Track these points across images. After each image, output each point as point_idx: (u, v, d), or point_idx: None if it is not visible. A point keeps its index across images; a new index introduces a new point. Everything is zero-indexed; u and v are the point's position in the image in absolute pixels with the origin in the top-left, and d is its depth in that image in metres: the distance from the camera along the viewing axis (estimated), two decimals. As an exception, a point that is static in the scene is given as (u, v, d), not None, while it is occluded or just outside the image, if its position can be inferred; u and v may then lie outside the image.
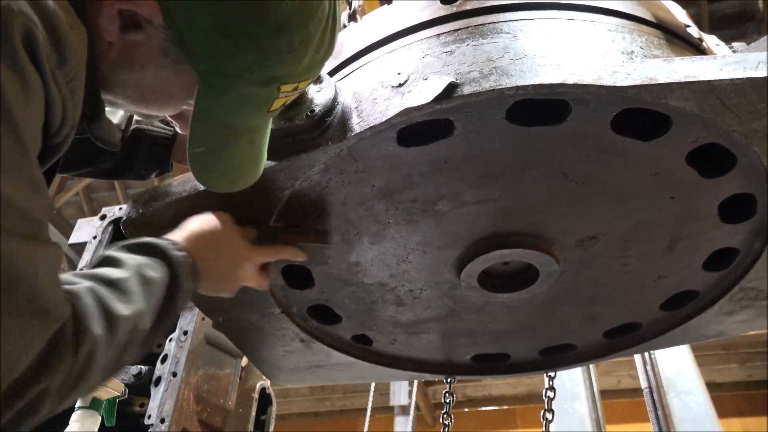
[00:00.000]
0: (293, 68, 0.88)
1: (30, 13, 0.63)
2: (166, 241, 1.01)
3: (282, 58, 0.85)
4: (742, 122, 1.08)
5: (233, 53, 0.83)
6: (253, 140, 0.97)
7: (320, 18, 0.88)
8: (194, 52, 0.83)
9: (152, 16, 0.81)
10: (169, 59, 0.85)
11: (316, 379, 1.94)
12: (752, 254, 1.44)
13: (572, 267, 1.47)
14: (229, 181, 1.02)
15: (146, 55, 0.86)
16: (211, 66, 0.85)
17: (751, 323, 1.65)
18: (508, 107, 1.09)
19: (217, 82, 0.86)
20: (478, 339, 1.78)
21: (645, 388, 3.37)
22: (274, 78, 0.88)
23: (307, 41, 0.87)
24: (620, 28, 1.17)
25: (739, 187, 1.27)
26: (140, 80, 0.89)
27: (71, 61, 0.71)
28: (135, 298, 0.83)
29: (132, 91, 0.91)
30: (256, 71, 0.86)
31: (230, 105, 0.89)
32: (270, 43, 0.83)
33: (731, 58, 1.05)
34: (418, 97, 1.05)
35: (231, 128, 0.93)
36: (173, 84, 0.90)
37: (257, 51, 0.83)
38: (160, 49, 0.85)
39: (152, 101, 0.95)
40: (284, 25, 0.83)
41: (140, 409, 1.86)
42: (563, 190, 1.26)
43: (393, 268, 1.47)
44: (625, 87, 1.02)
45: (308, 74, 0.93)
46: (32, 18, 0.63)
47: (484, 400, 9.42)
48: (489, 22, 1.14)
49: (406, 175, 1.23)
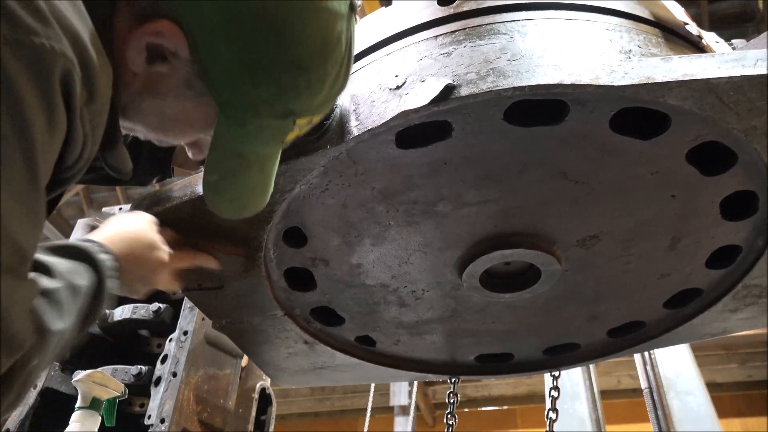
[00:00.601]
0: (309, 103, 0.91)
1: (71, 54, 0.66)
2: (92, 244, 1.01)
3: (299, 94, 0.89)
4: (741, 120, 1.08)
5: (253, 87, 0.86)
6: (263, 168, 1.00)
7: (337, 57, 0.91)
8: (216, 85, 0.86)
9: (179, 50, 0.83)
10: (192, 91, 0.88)
11: (320, 380, 1.95)
12: (755, 251, 1.43)
13: (574, 266, 1.47)
14: (239, 207, 1.05)
15: (169, 86, 0.88)
16: (230, 98, 0.87)
17: (755, 320, 1.64)
18: (506, 108, 1.09)
19: (235, 113, 0.89)
20: (481, 339, 1.78)
21: (645, 388, 3.37)
22: (290, 112, 0.91)
23: (324, 78, 0.90)
24: (618, 27, 1.16)
25: (740, 185, 1.26)
26: (161, 109, 0.91)
27: (99, 100, 0.74)
28: (66, 310, 0.83)
29: (152, 119, 0.93)
30: (274, 105, 0.88)
31: (246, 135, 0.91)
32: (289, 79, 0.87)
33: (729, 56, 1.04)
34: (415, 99, 1.05)
35: (244, 157, 0.95)
36: (193, 114, 0.92)
37: (276, 86, 0.86)
38: (184, 81, 0.87)
39: (171, 130, 0.97)
40: (304, 63, 0.86)
41: (140, 410, 1.87)
42: (563, 189, 1.26)
43: (395, 269, 1.47)
44: (622, 86, 1.02)
45: (322, 108, 0.96)
46: (72, 59, 0.66)
47: (484, 401, 9.41)
48: (486, 23, 1.14)
49: (406, 177, 1.23)
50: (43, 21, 0.63)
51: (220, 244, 1.32)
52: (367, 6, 3.56)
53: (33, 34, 0.61)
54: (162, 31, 0.81)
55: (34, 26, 0.61)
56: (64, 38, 0.65)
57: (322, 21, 0.87)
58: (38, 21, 0.62)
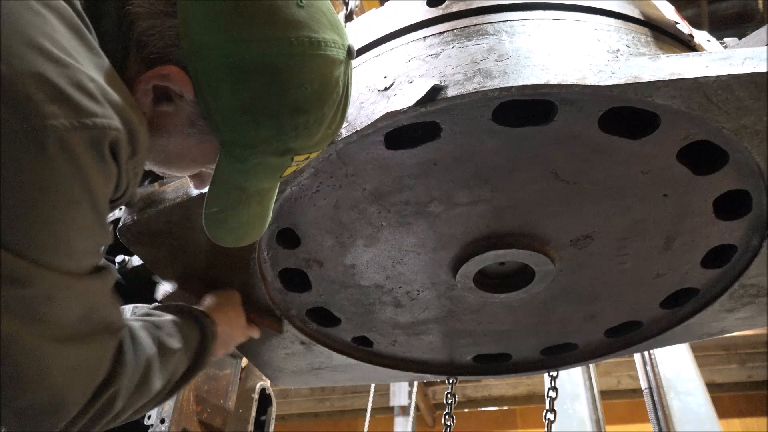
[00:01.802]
0: (307, 142, 0.96)
1: (118, 126, 0.77)
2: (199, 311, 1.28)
3: (297, 134, 0.94)
4: (730, 119, 1.07)
5: (254, 128, 0.91)
6: (262, 201, 1.05)
7: (335, 99, 0.96)
8: (219, 125, 0.92)
9: (184, 92, 0.89)
10: (195, 129, 0.94)
11: (319, 381, 1.95)
12: (751, 250, 1.42)
13: (569, 266, 1.46)
14: (237, 237, 1.10)
15: (174, 125, 0.94)
16: (232, 138, 0.93)
17: (753, 320, 1.63)
18: (494, 108, 1.09)
19: (237, 151, 0.94)
20: (478, 339, 1.77)
21: (645, 388, 3.35)
22: (289, 150, 0.96)
23: (321, 120, 0.95)
24: (607, 26, 1.16)
25: (733, 184, 1.26)
26: (166, 146, 0.97)
27: (140, 153, 0.84)
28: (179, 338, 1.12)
29: (157, 154, 0.99)
30: (273, 144, 0.94)
31: (246, 171, 0.97)
32: (288, 121, 0.92)
33: (717, 55, 1.04)
34: (402, 100, 1.06)
35: (244, 191, 1.01)
36: (196, 150, 0.99)
37: (276, 127, 0.92)
38: (188, 120, 0.93)
39: (175, 164, 1.04)
40: (302, 106, 0.91)
41: (140, 410, 1.88)
42: (555, 189, 1.26)
43: (389, 270, 1.47)
44: (609, 86, 1.02)
45: (319, 146, 1.01)
46: (119, 129, 0.78)
47: (483, 401, 9.37)
48: (474, 24, 1.15)
49: (397, 178, 1.24)
50: (98, 102, 0.75)
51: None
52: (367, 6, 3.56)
53: (92, 116, 0.74)
54: (169, 75, 0.87)
55: (91, 109, 0.74)
56: (113, 113, 0.77)
57: (322, 68, 0.91)
58: (93, 103, 0.75)
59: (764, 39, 1.14)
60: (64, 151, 0.71)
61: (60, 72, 0.72)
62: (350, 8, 2.13)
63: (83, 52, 0.79)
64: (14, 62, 0.69)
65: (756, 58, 1.02)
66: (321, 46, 0.90)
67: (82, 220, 0.78)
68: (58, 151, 0.71)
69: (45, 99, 0.70)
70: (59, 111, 0.71)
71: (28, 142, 0.69)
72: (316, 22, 0.90)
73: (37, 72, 0.70)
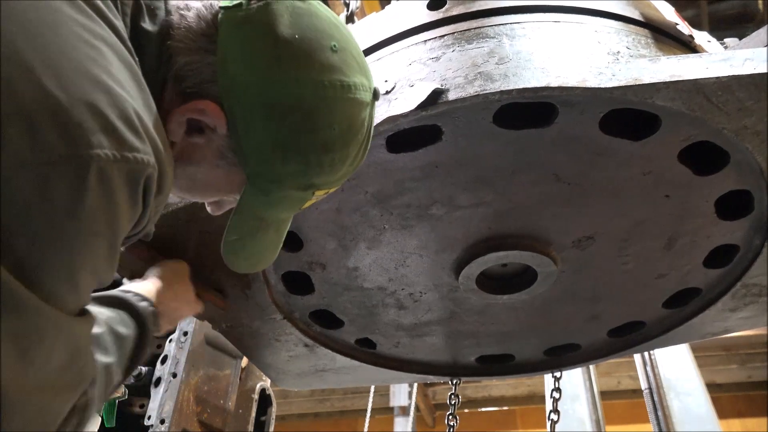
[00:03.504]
0: (330, 178, 1.00)
1: (154, 163, 0.78)
2: (132, 295, 1.18)
3: (323, 171, 0.97)
4: (731, 120, 1.08)
5: (282, 164, 0.94)
6: (278, 229, 1.09)
7: (359, 139, 0.99)
8: (248, 159, 0.94)
9: (218, 126, 0.92)
10: (224, 161, 0.96)
11: (322, 382, 1.96)
12: (753, 250, 1.42)
13: (571, 267, 1.47)
14: (252, 263, 1.14)
15: (203, 156, 0.97)
16: (260, 171, 0.96)
17: (756, 320, 1.63)
18: (495, 111, 1.10)
19: (262, 184, 0.98)
20: (482, 340, 1.78)
21: (645, 389, 3.35)
22: (312, 185, 0.99)
23: (346, 158, 0.99)
24: (607, 28, 1.17)
25: (734, 184, 1.26)
26: (193, 175, 1.00)
27: (165, 191, 0.85)
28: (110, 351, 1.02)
29: (183, 182, 1.01)
30: (299, 179, 0.97)
31: (269, 203, 1.01)
32: (315, 158, 0.95)
33: (718, 56, 1.04)
34: (403, 104, 1.06)
35: (263, 220, 1.05)
36: (222, 181, 1.01)
37: (303, 164, 0.95)
38: (218, 152, 0.95)
39: (199, 192, 1.07)
40: (330, 145, 0.95)
41: (140, 410, 1.87)
42: (556, 191, 1.26)
43: (391, 272, 1.48)
44: (610, 88, 1.02)
45: (340, 182, 1.04)
46: (155, 166, 0.78)
47: (484, 401, 9.35)
48: (475, 27, 1.15)
49: (399, 181, 1.24)
50: (141, 138, 0.76)
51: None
52: (367, 6, 3.56)
53: (135, 151, 0.75)
54: (205, 110, 0.90)
55: (136, 145, 0.75)
56: (151, 149, 0.78)
57: (350, 110, 0.95)
58: (138, 139, 0.75)
59: (764, 40, 1.14)
60: (102, 182, 0.71)
61: (110, 102, 0.73)
62: (351, 10, 2.14)
63: (133, 86, 0.80)
64: (71, 89, 0.70)
65: (756, 59, 1.02)
66: (351, 89, 0.94)
67: (97, 255, 0.77)
68: (96, 181, 0.71)
69: (95, 128, 0.71)
70: (105, 142, 0.71)
71: (70, 167, 0.69)
72: (347, 66, 0.94)
73: (91, 101, 0.71)
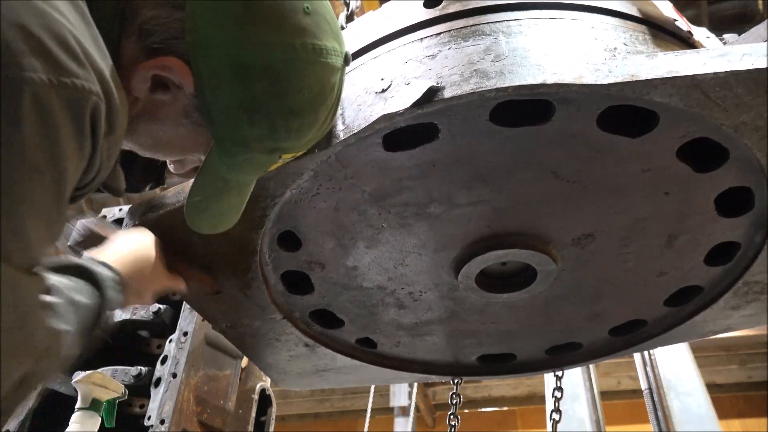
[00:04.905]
0: (297, 143, 0.99)
1: (100, 92, 0.73)
2: (94, 263, 1.08)
3: (290, 135, 0.96)
4: (729, 116, 1.07)
5: (248, 127, 0.92)
6: (241, 192, 1.07)
7: (329, 104, 0.98)
8: (214, 120, 0.92)
9: (184, 85, 0.90)
10: (188, 120, 0.94)
11: (323, 382, 1.96)
12: (754, 248, 1.41)
13: (571, 265, 1.46)
14: (213, 225, 1.12)
15: (167, 114, 0.94)
16: (225, 133, 0.94)
17: (758, 318, 1.62)
18: (492, 109, 1.09)
19: (227, 146, 0.96)
20: (483, 339, 1.77)
21: (645, 389, 3.34)
22: (278, 149, 0.98)
23: (314, 123, 0.97)
24: (604, 24, 1.16)
25: (734, 181, 1.25)
26: (156, 133, 0.98)
27: (117, 131, 0.81)
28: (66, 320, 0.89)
29: (146, 140, 1.00)
30: (265, 143, 0.95)
31: (234, 166, 0.99)
32: (283, 123, 0.93)
33: (715, 52, 1.03)
34: (399, 102, 1.06)
35: (227, 182, 1.03)
36: (186, 140, 0.99)
37: (269, 127, 0.93)
38: (183, 111, 0.93)
39: (162, 151, 1.05)
40: (298, 110, 0.93)
41: (140, 410, 1.87)
42: (555, 189, 1.25)
43: (391, 271, 1.47)
44: (606, 84, 1.02)
45: (307, 146, 1.03)
46: (101, 96, 0.74)
47: (484, 402, 9.35)
48: (471, 25, 1.14)
49: (396, 180, 1.24)
50: (80, 64, 0.71)
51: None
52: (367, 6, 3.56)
53: (74, 76, 0.69)
54: (171, 67, 0.88)
55: (74, 70, 0.70)
56: (95, 78, 0.73)
57: (321, 74, 0.93)
58: (77, 64, 0.70)
59: (763, 35, 1.13)
60: (38, 109, 0.65)
61: (43, 25, 0.68)
62: (351, 9, 2.13)
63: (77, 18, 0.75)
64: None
65: (754, 55, 1.01)
66: (323, 53, 0.92)
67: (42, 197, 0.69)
68: (32, 108, 0.65)
69: (25, 50, 0.65)
70: (39, 65, 0.66)
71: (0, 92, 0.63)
72: (320, 29, 0.92)
73: (20, 22, 0.65)
